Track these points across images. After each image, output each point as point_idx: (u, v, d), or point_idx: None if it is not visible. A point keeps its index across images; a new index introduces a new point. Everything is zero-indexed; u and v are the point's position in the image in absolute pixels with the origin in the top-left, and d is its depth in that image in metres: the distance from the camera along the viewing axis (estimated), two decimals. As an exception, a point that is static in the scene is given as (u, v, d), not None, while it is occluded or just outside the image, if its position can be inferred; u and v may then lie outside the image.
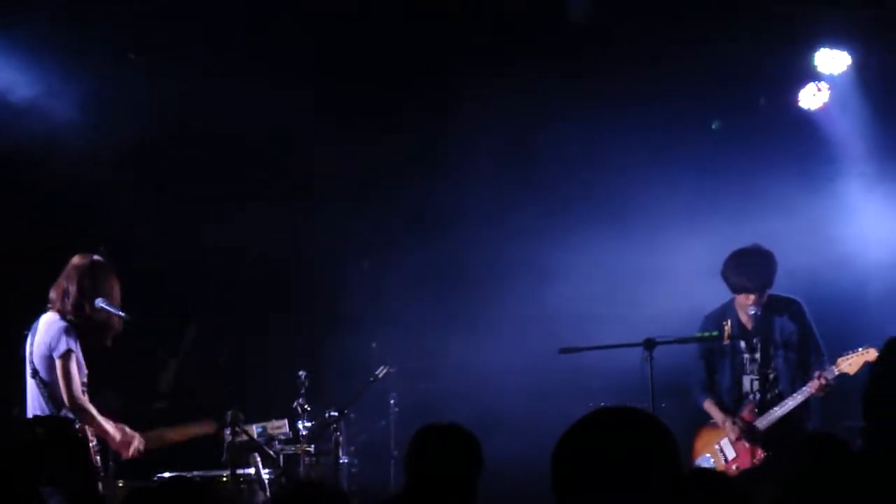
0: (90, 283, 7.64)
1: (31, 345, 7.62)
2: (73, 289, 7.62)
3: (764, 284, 8.34)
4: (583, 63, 10.36)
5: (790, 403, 8.20)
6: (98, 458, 7.61)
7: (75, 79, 9.38)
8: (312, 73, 10.13)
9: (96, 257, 7.77)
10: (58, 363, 7.45)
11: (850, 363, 7.98)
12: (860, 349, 7.98)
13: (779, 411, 8.23)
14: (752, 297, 8.33)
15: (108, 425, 7.64)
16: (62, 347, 7.45)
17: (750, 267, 8.35)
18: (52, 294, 7.67)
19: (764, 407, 8.32)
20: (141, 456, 7.82)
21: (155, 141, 9.94)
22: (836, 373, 8.03)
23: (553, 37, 10.49)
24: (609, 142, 10.42)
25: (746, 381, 8.46)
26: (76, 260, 7.74)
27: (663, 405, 8.57)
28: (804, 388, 8.15)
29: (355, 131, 10.44)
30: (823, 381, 8.01)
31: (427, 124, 10.69)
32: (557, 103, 10.38)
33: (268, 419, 8.82)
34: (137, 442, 7.75)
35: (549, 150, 10.52)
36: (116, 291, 7.74)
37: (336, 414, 9.13)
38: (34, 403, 7.52)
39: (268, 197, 10.55)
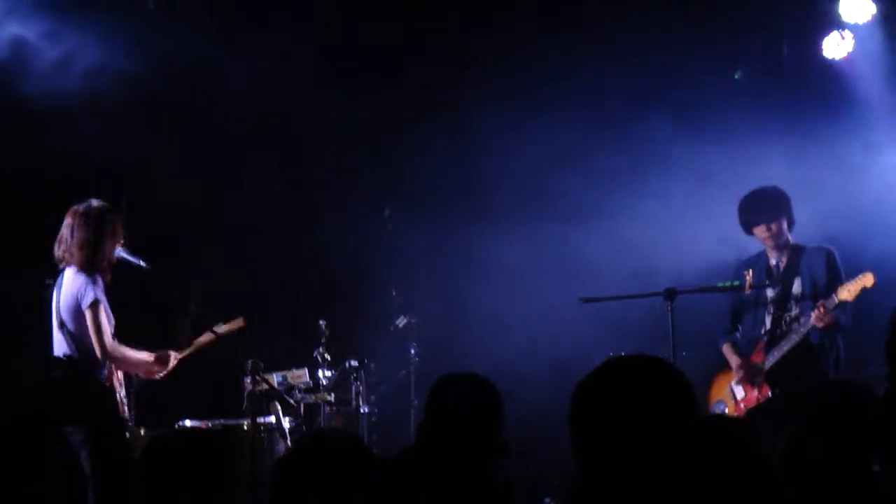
0: (90, 226, 7.52)
1: (58, 297, 7.58)
2: (78, 235, 7.53)
3: (773, 214, 8.30)
4: (601, 11, 10.28)
5: (794, 337, 8.18)
6: (126, 409, 7.64)
7: (95, 32, 9.36)
8: (324, 30, 10.15)
9: (90, 202, 7.62)
10: (87, 314, 7.41)
11: (849, 290, 7.93)
12: (858, 276, 7.97)
13: (785, 346, 8.21)
14: (762, 228, 8.30)
15: (141, 356, 7.68)
16: (90, 298, 7.39)
17: (749, 201, 8.38)
18: (57, 247, 7.57)
19: (772, 343, 8.31)
20: (164, 377, 7.86)
21: (171, 99, 9.92)
22: (836, 301, 7.98)
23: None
24: (629, 92, 10.38)
25: (768, 321, 8.45)
26: (74, 208, 7.60)
27: (684, 354, 8.57)
28: (805, 321, 8.14)
29: (371, 85, 10.43)
30: (822, 310, 7.97)
31: (447, 77, 10.68)
32: (575, 54, 10.30)
33: (288, 368, 8.86)
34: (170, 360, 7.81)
35: (570, 99, 10.45)
36: (121, 231, 7.62)
37: (356, 363, 9.18)
38: (61, 354, 7.47)
39: (284, 149, 10.56)
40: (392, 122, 10.67)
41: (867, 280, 7.88)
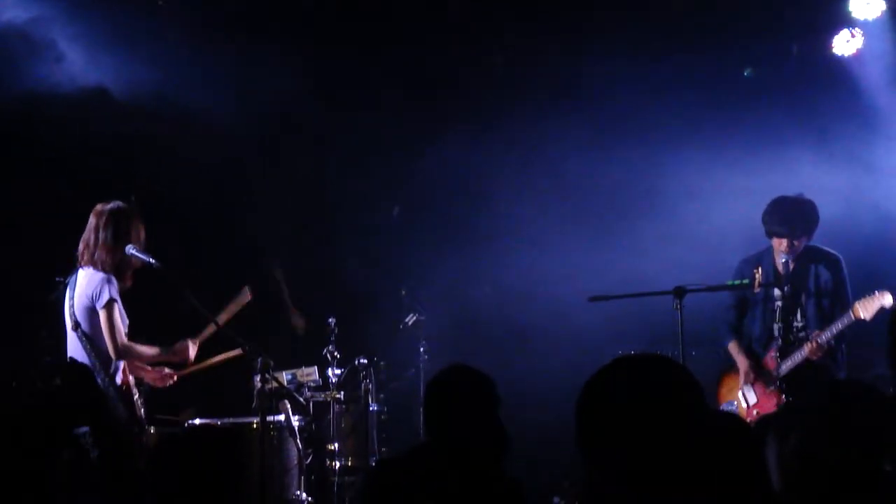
0: (116, 229, 7.57)
1: (72, 297, 7.59)
2: (102, 236, 7.61)
3: (794, 231, 8.25)
4: (610, 8, 10.28)
5: (805, 350, 8.15)
6: (143, 410, 7.64)
7: (105, 30, 9.37)
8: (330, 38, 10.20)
9: (116, 203, 7.69)
10: (101, 314, 7.43)
11: (866, 308, 7.90)
12: (875, 293, 7.92)
13: (798, 356, 8.18)
14: (783, 242, 8.27)
15: (157, 352, 7.74)
16: (105, 297, 7.42)
17: (784, 213, 8.29)
18: (81, 246, 7.65)
19: (786, 352, 8.28)
20: (174, 382, 7.91)
21: (179, 100, 9.90)
22: (853, 318, 7.96)
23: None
24: (638, 90, 10.36)
25: (776, 327, 8.41)
26: (99, 208, 7.66)
27: (693, 353, 8.55)
28: (812, 334, 8.13)
29: (383, 86, 10.45)
30: (815, 345, 8.00)
31: (461, 83, 10.70)
32: (584, 54, 10.29)
33: (298, 366, 8.87)
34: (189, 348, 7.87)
35: (579, 100, 10.44)
36: (142, 235, 7.69)
37: (365, 361, 9.18)
38: (76, 355, 7.50)
39: (293, 149, 10.56)
40: (402, 121, 10.67)
41: (885, 299, 7.82)
